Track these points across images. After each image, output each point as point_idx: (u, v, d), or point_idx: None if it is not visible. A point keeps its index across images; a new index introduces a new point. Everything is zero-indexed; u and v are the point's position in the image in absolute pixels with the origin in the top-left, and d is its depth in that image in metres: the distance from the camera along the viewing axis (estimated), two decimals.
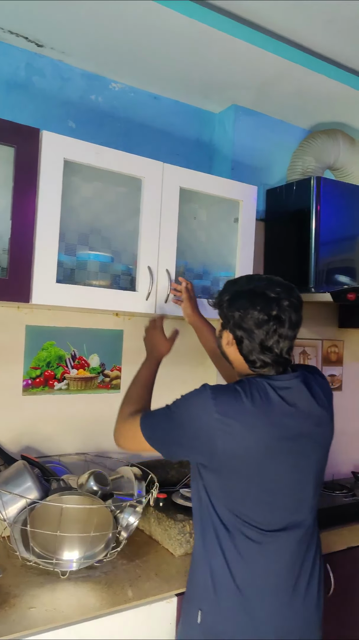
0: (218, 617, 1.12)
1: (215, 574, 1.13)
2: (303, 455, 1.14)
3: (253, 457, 1.08)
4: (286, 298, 1.12)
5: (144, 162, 1.58)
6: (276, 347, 1.12)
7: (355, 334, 2.46)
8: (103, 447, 1.86)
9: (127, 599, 1.30)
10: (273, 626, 1.12)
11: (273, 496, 1.12)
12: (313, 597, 1.18)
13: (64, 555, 1.37)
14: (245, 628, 1.11)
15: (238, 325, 1.14)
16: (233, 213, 1.89)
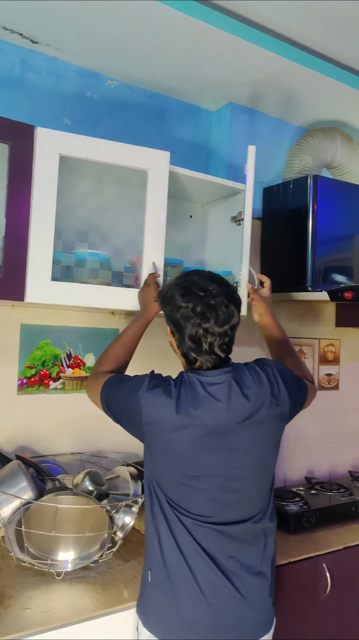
0: (164, 576, 1.18)
1: (161, 538, 1.18)
2: (233, 451, 1.15)
3: (176, 448, 1.13)
4: (215, 296, 1.16)
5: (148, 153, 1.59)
6: (204, 342, 1.16)
7: (352, 333, 2.46)
8: (99, 447, 1.85)
9: (122, 600, 1.29)
10: (209, 602, 1.16)
11: (198, 489, 1.15)
12: (255, 599, 1.20)
13: (59, 555, 1.35)
14: (188, 590, 1.16)
15: (170, 318, 1.22)
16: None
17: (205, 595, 1.15)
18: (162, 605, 1.18)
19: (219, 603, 1.16)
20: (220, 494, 1.16)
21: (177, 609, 1.16)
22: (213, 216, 2.01)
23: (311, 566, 1.62)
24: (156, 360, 1.96)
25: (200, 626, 1.15)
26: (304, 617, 1.63)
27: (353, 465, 2.45)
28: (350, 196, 2.06)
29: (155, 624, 1.19)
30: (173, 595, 1.17)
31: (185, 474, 1.15)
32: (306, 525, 1.76)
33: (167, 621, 1.18)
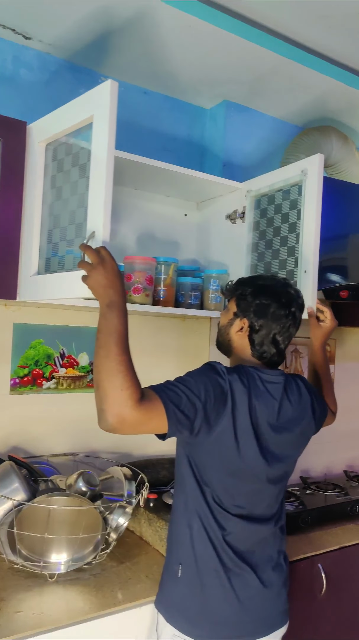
0: (194, 571, 1.19)
1: (194, 531, 1.19)
2: (276, 450, 1.20)
3: (233, 435, 1.13)
4: (298, 299, 1.25)
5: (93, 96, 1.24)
6: (283, 343, 1.23)
7: (347, 333, 2.45)
8: (93, 447, 1.83)
9: (116, 602, 1.27)
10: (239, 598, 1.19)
11: (241, 481, 1.18)
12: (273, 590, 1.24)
13: (52, 557, 1.34)
14: (218, 586, 1.18)
15: (260, 314, 1.22)
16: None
17: (234, 590, 1.18)
18: (190, 600, 1.19)
19: (247, 597, 1.19)
20: (257, 490, 1.20)
21: (206, 604, 1.18)
22: (208, 214, 2.00)
23: (307, 566, 1.61)
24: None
25: (228, 621, 1.18)
26: (300, 617, 1.61)
27: (348, 465, 2.44)
28: (346, 195, 2.05)
29: (182, 619, 1.19)
30: (202, 589, 1.18)
31: (232, 467, 1.15)
32: (302, 526, 1.75)
33: (194, 616, 1.18)
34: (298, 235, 1.53)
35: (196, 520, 1.19)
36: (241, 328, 1.24)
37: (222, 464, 1.15)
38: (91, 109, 1.21)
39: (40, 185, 1.39)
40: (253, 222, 1.75)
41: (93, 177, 1.17)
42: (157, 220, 1.97)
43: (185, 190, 1.90)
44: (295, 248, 1.54)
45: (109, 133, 1.15)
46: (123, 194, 1.88)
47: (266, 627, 1.23)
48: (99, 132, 1.17)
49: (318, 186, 1.47)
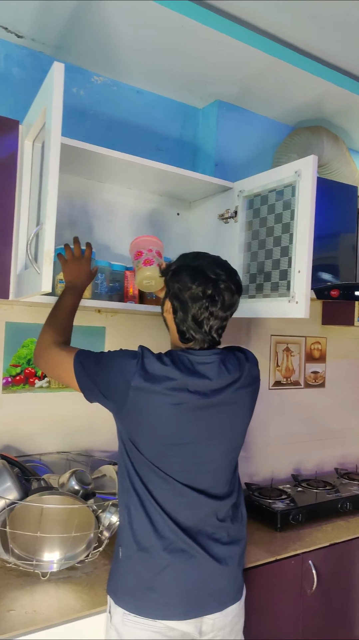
0: (132, 552, 1.18)
1: (130, 512, 1.19)
2: (212, 425, 1.19)
3: (161, 415, 1.14)
4: (224, 281, 1.20)
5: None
6: (206, 324, 1.20)
7: (338, 331, 2.47)
8: (86, 446, 1.83)
9: (107, 600, 1.27)
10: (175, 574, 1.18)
11: (175, 457, 1.17)
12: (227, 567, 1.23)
13: (45, 556, 1.34)
14: (153, 565, 1.17)
15: (176, 296, 1.22)
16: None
17: (175, 565, 1.16)
18: (134, 578, 1.18)
19: (191, 573, 1.18)
20: (194, 464, 1.19)
21: (149, 579, 1.16)
22: (201, 214, 2.00)
23: (297, 563, 1.62)
24: None
25: (171, 597, 1.16)
26: (291, 613, 1.63)
27: (339, 463, 2.46)
28: (337, 195, 2.07)
29: (128, 598, 1.18)
30: (145, 566, 1.17)
31: (165, 443, 1.16)
32: (292, 523, 1.77)
33: (138, 593, 1.17)
34: (291, 235, 1.54)
35: (133, 499, 1.19)
36: (167, 309, 1.27)
37: (150, 435, 1.16)
38: (43, 100, 1.20)
39: (29, 182, 1.39)
40: (245, 222, 1.76)
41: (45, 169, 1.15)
42: (149, 219, 1.97)
43: (178, 190, 1.91)
44: (288, 248, 1.55)
45: (54, 120, 1.12)
46: (116, 192, 1.88)
47: (215, 604, 1.20)
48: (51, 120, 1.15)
49: (312, 187, 1.48)
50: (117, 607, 1.19)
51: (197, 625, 1.19)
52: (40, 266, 1.09)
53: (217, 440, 1.21)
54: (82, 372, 1.19)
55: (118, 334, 1.90)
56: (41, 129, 1.32)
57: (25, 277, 1.29)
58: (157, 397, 1.13)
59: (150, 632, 1.16)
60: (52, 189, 1.08)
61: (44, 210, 1.11)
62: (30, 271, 1.23)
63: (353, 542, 1.76)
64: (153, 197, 1.96)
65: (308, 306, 1.50)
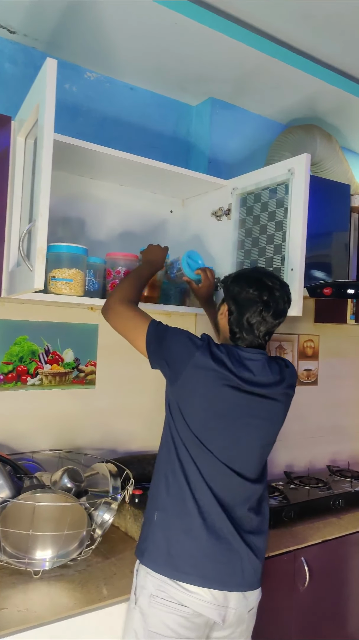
0: (168, 515, 1.25)
1: (168, 480, 1.27)
2: (251, 412, 1.27)
3: (209, 393, 1.23)
4: (279, 289, 1.30)
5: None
6: (257, 328, 1.29)
7: (331, 329, 2.48)
8: (78, 444, 1.83)
9: (101, 598, 1.28)
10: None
11: (222, 435, 1.25)
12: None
13: (37, 554, 1.33)
14: (187, 530, 1.23)
15: (234, 298, 1.31)
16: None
17: (209, 534, 1.22)
18: (166, 540, 1.23)
19: (222, 544, 1.23)
20: (232, 442, 1.26)
21: (182, 543, 1.22)
22: (194, 211, 2.00)
23: (290, 560, 1.63)
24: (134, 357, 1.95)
25: (197, 565, 1.21)
26: (283, 610, 1.64)
27: (331, 460, 2.47)
28: (329, 193, 2.07)
29: (158, 559, 1.23)
30: (178, 530, 1.23)
31: (209, 416, 1.24)
32: (285, 520, 1.77)
33: (169, 555, 1.22)
34: (284, 233, 1.54)
35: (174, 466, 1.26)
36: (223, 312, 1.36)
37: (198, 407, 1.24)
38: (36, 96, 1.20)
39: (21, 178, 1.38)
40: (239, 219, 1.76)
41: (37, 166, 1.15)
42: (142, 217, 1.97)
43: (171, 187, 1.91)
44: (281, 246, 1.56)
45: (47, 117, 1.12)
46: (109, 190, 1.87)
47: (239, 581, 1.24)
48: (44, 117, 1.14)
49: (305, 185, 1.49)
50: (144, 569, 1.24)
51: (221, 613, 1.22)
52: (33, 263, 1.09)
53: (253, 427, 1.28)
54: (154, 338, 1.29)
55: (111, 331, 1.89)
56: (33, 126, 1.31)
57: (17, 275, 1.28)
58: (211, 374, 1.22)
59: (177, 616, 1.19)
60: (45, 185, 1.08)
61: (36, 207, 1.10)
62: (22, 268, 1.22)
63: (345, 539, 1.77)
64: (146, 194, 1.96)
65: (301, 304, 1.51)
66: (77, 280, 1.49)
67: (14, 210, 1.39)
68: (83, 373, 1.84)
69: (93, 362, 1.86)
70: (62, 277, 1.47)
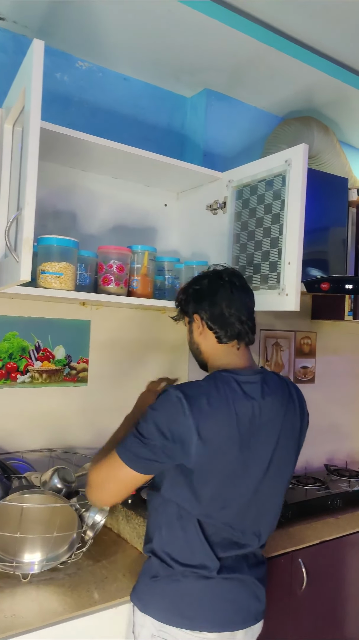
0: (165, 569, 1.17)
1: (161, 533, 1.19)
2: (263, 445, 1.17)
3: (222, 451, 1.10)
4: (227, 273, 1.25)
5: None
6: (240, 312, 1.20)
7: (328, 326, 2.44)
8: (69, 443, 1.78)
9: (92, 602, 1.23)
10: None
11: (233, 499, 1.15)
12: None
13: (25, 557, 1.29)
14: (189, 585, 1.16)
15: (198, 301, 1.23)
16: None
17: (218, 574, 1.15)
18: (166, 591, 1.16)
19: (228, 581, 1.17)
20: (249, 507, 1.17)
21: (185, 594, 1.15)
22: (189, 205, 1.95)
23: (287, 562, 1.59)
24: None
25: (210, 609, 1.15)
26: (280, 613, 1.59)
27: (328, 459, 2.44)
28: (327, 187, 2.03)
29: (161, 608, 1.16)
30: (179, 584, 1.16)
31: (227, 483, 1.12)
32: (282, 520, 1.72)
33: (173, 605, 1.15)
34: (281, 226, 1.50)
35: (169, 519, 1.17)
36: (198, 327, 1.25)
37: (215, 479, 1.12)
38: (23, 81, 1.15)
39: (8, 169, 1.33)
40: (234, 212, 1.71)
41: (24, 152, 1.09)
42: (136, 211, 1.92)
43: (165, 180, 1.86)
44: (278, 239, 1.51)
45: (34, 100, 1.07)
46: (101, 182, 1.82)
47: (242, 621, 1.18)
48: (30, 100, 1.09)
49: (303, 176, 1.44)
50: (145, 617, 1.16)
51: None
52: (19, 254, 1.04)
53: (272, 470, 1.18)
54: (133, 459, 1.08)
55: (104, 327, 1.85)
56: (21, 112, 1.26)
57: (4, 267, 1.23)
58: (217, 439, 1.08)
59: None
60: (32, 172, 1.03)
61: (22, 195, 1.06)
62: (9, 260, 1.17)
63: (343, 540, 1.73)
64: (140, 187, 1.91)
65: (299, 299, 1.47)
66: (67, 274, 1.45)
67: (0, 201, 1.34)
68: (75, 370, 1.79)
69: (85, 359, 1.81)
70: (52, 270, 1.42)
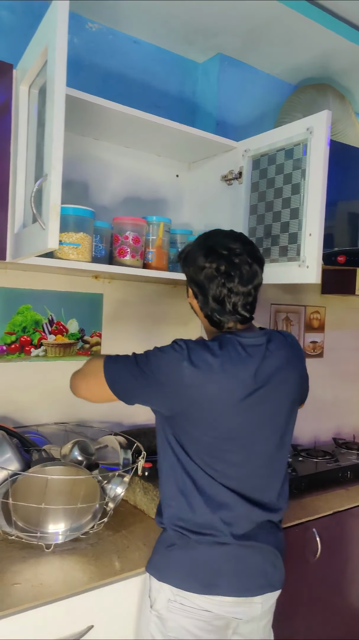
0: (179, 534, 1.16)
1: (182, 495, 1.16)
2: (261, 412, 1.14)
3: (218, 409, 1.09)
4: (239, 254, 1.13)
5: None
6: (228, 302, 1.14)
7: (337, 301, 2.44)
8: (83, 417, 1.77)
9: (116, 571, 1.24)
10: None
11: (230, 451, 1.13)
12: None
13: (49, 528, 1.29)
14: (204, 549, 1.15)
15: (192, 280, 1.19)
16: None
17: (233, 539, 1.14)
18: (183, 558, 1.15)
19: (244, 548, 1.16)
20: (248, 462, 1.15)
21: (201, 560, 1.14)
22: (201, 176, 1.91)
23: (301, 532, 1.61)
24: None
25: (227, 574, 1.14)
26: (294, 580, 1.62)
27: (336, 433, 2.46)
28: (340, 158, 1.99)
29: (177, 575, 1.15)
30: (194, 551, 1.15)
31: (219, 438, 1.11)
32: (295, 492, 1.75)
33: (189, 571, 1.14)
34: (302, 196, 1.47)
35: (188, 484, 1.15)
36: (190, 295, 1.23)
37: (204, 434, 1.12)
38: (43, 41, 1.09)
39: (25, 131, 1.28)
40: (251, 183, 1.68)
41: (48, 114, 1.04)
42: (147, 182, 1.88)
43: (178, 150, 1.81)
44: (298, 210, 1.49)
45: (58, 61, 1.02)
46: (113, 151, 1.77)
47: (260, 586, 1.18)
48: (52, 66, 1.04)
49: (325, 145, 1.41)
50: (162, 585, 1.15)
51: (246, 610, 1.16)
52: (46, 221, 1.00)
53: (268, 430, 1.16)
54: (115, 379, 1.13)
55: (116, 301, 1.83)
56: (39, 73, 1.21)
57: (25, 236, 1.20)
58: (211, 390, 1.07)
59: (197, 621, 1.12)
60: (58, 135, 0.99)
61: (48, 160, 1.01)
62: (31, 229, 1.14)
63: (355, 510, 1.75)
64: (151, 157, 1.86)
65: (320, 271, 1.45)
66: (84, 245, 1.41)
67: (18, 168, 1.29)
68: (88, 344, 1.77)
69: (98, 333, 1.79)
70: (69, 241, 1.39)
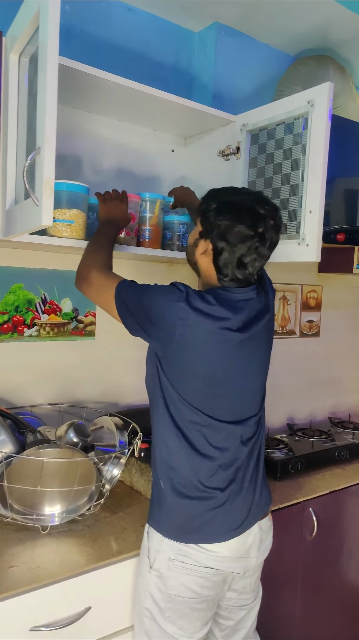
0: (172, 487, 1.16)
1: (172, 444, 1.16)
2: (254, 356, 1.18)
3: (207, 356, 1.10)
4: (272, 217, 1.12)
5: None
6: (251, 265, 1.13)
7: (334, 279, 2.41)
8: (77, 398, 1.75)
9: (113, 553, 1.23)
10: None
11: (222, 395, 1.15)
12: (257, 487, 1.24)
13: (45, 510, 1.28)
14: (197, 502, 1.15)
15: (222, 236, 1.12)
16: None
17: (224, 484, 1.16)
18: (180, 511, 1.15)
19: (234, 491, 1.17)
20: (241, 400, 1.18)
21: (195, 505, 1.15)
22: (198, 151, 1.86)
23: (298, 511, 1.62)
24: None
25: (215, 518, 1.15)
26: (291, 559, 1.64)
27: (331, 412, 2.46)
28: (339, 133, 1.93)
29: (173, 526, 1.15)
30: (188, 503, 1.15)
31: (211, 381, 1.12)
32: (291, 472, 1.75)
33: (183, 521, 1.15)
34: (302, 172, 1.43)
35: (171, 434, 1.16)
36: (205, 250, 1.16)
37: (196, 375, 1.12)
38: (33, 6, 1.04)
39: (15, 103, 1.22)
40: (249, 158, 1.63)
41: (40, 83, 0.99)
42: (141, 157, 1.82)
43: (173, 124, 1.75)
44: (298, 186, 1.45)
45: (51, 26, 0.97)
46: (106, 125, 1.71)
47: (250, 517, 1.20)
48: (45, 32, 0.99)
49: (327, 118, 1.36)
50: (157, 535, 1.16)
51: (243, 564, 1.18)
52: (40, 197, 0.96)
53: (256, 372, 1.20)
54: (123, 305, 1.12)
55: None
56: (29, 40, 1.15)
57: (17, 213, 1.15)
58: (203, 335, 1.08)
59: (197, 577, 1.14)
60: (51, 105, 0.93)
61: (41, 132, 0.97)
62: (24, 205, 1.09)
63: (351, 489, 1.76)
64: (146, 131, 1.80)
65: (320, 249, 1.42)
66: (78, 222, 1.37)
67: (8, 141, 1.24)
68: (82, 324, 1.74)
69: (92, 313, 1.76)
70: (62, 218, 1.34)
